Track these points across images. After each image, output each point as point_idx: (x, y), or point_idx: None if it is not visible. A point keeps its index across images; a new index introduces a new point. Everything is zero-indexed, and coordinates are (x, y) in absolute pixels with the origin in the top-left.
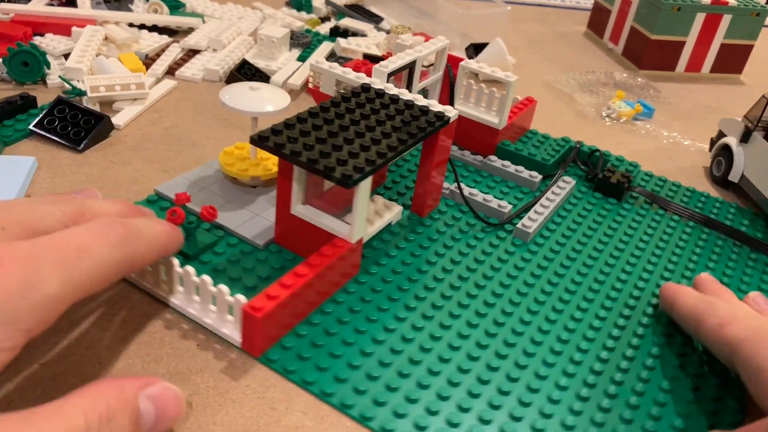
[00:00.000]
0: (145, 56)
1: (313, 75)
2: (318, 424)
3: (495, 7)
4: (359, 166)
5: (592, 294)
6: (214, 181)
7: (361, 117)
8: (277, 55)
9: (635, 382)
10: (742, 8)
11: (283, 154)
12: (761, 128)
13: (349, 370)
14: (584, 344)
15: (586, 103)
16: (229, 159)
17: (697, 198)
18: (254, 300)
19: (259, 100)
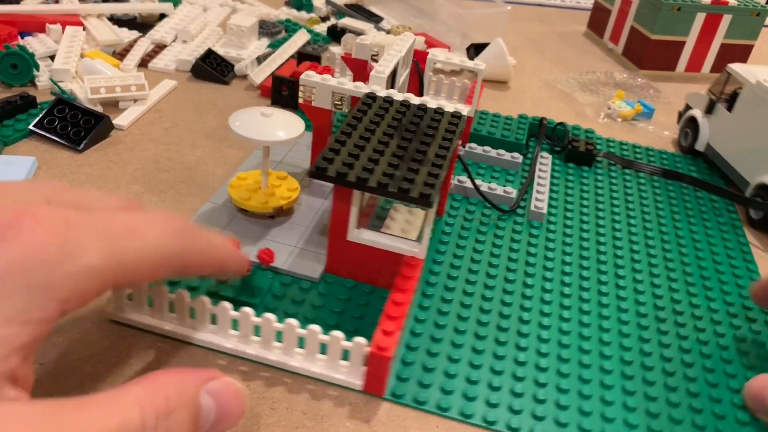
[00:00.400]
0: (113, 52)
1: (303, 89)
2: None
3: (495, 7)
4: (429, 182)
5: (633, 257)
6: (227, 219)
7: (388, 127)
8: (246, 44)
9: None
10: (742, 8)
11: (349, 183)
12: (724, 100)
13: (472, 386)
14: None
15: (586, 103)
16: (243, 193)
17: (655, 154)
18: (377, 339)
19: (271, 127)
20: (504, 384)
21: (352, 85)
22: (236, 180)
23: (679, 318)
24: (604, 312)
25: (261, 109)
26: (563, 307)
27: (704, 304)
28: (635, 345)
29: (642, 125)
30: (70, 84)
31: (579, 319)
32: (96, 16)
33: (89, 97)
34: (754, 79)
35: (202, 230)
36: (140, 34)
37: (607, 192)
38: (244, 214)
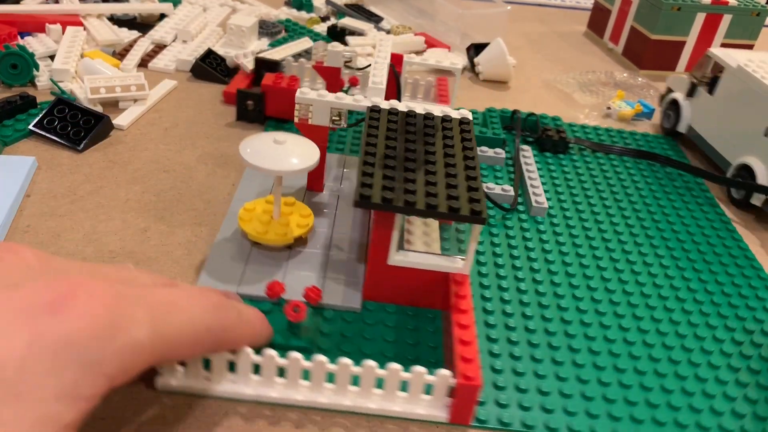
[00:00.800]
0: (113, 52)
1: (299, 108)
2: None
3: (495, 7)
4: (474, 197)
5: (636, 241)
6: (244, 255)
7: (406, 142)
8: (246, 44)
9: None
10: (742, 8)
11: (397, 208)
12: (705, 83)
13: (546, 398)
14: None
15: (585, 104)
16: (257, 226)
17: (627, 136)
18: (463, 369)
19: (285, 155)
20: (574, 390)
21: (350, 99)
22: (244, 212)
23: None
24: (632, 300)
25: (274, 135)
26: (594, 300)
27: (711, 287)
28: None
29: (641, 125)
30: (70, 84)
31: (614, 310)
32: (96, 16)
33: (89, 97)
34: (734, 63)
35: (236, 304)
36: (140, 34)
37: (589, 177)
38: (258, 247)
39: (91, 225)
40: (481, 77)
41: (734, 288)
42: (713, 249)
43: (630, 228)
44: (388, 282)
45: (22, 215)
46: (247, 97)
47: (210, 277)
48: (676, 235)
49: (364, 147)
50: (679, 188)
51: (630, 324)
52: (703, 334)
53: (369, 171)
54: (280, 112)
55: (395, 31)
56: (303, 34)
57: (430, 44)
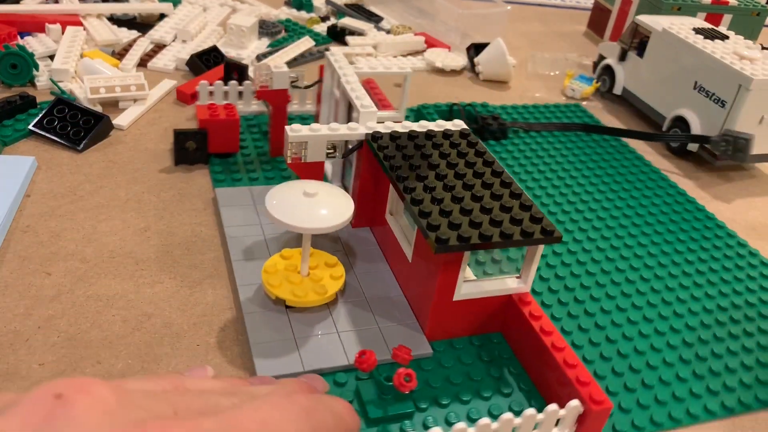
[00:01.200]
0: (112, 52)
1: (292, 147)
2: None
3: (495, 7)
4: (536, 216)
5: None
6: (284, 322)
7: (428, 168)
8: (246, 43)
9: None
10: (743, 8)
11: (475, 245)
12: (634, 48)
13: (651, 391)
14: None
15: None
16: (295, 289)
17: (547, 110)
18: (589, 394)
19: (316, 210)
20: (671, 378)
21: (345, 128)
22: (268, 275)
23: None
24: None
25: (303, 186)
26: (640, 293)
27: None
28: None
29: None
30: (70, 84)
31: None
32: (95, 16)
33: (89, 97)
34: (660, 27)
35: (325, 400)
36: (140, 33)
37: (535, 157)
38: (292, 309)
39: (91, 225)
40: (481, 77)
41: (675, 224)
42: (654, 194)
43: (578, 195)
44: (451, 317)
45: (22, 215)
46: (187, 138)
47: (265, 360)
48: (626, 194)
49: (402, 183)
50: (608, 150)
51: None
52: (652, 268)
53: (426, 210)
54: (224, 146)
55: (395, 31)
56: (303, 34)
57: (430, 44)
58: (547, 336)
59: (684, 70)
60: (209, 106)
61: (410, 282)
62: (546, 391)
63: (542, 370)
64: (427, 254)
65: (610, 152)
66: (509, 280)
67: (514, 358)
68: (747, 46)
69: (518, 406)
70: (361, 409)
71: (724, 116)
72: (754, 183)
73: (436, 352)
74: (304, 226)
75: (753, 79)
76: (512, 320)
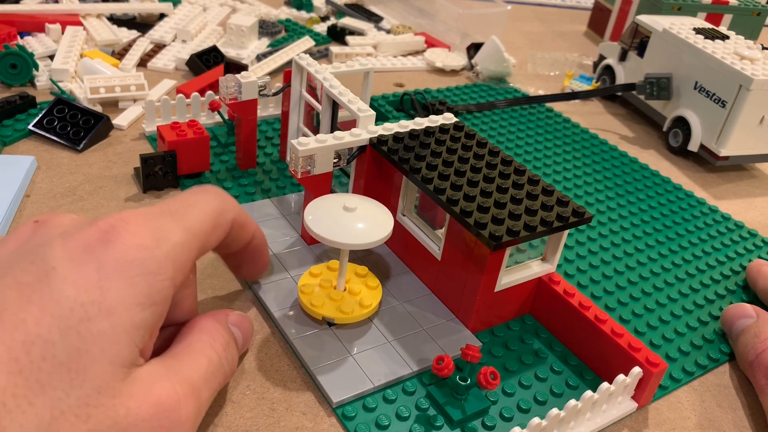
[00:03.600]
0: (112, 52)
1: (301, 161)
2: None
3: (495, 6)
4: (562, 199)
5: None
6: (333, 339)
7: (444, 165)
8: (246, 43)
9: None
10: (743, 8)
11: (525, 237)
12: (634, 48)
13: (673, 342)
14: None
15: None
16: (342, 306)
17: (486, 90)
18: (644, 357)
19: (356, 225)
20: (687, 331)
21: (349, 135)
22: (311, 297)
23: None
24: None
25: (343, 200)
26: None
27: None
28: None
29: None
30: (70, 84)
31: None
32: (95, 16)
33: (89, 97)
34: (660, 27)
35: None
36: (139, 33)
37: (496, 134)
38: (336, 326)
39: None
40: (480, 77)
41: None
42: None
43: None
44: (491, 308)
45: (22, 215)
46: (155, 162)
47: (332, 383)
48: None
49: (421, 183)
50: (550, 122)
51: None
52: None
53: (468, 209)
54: (196, 166)
55: (395, 30)
56: (303, 33)
57: (430, 44)
58: (588, 310)
59: (684, 70)
60: (172, 125)
61: (441, 280)
62: (594, 363)
63: (588, 344)
64: (464, 251)
65: (587, 146)
66: (535, 264)
67: (552, 337)
68: (747, 46)
69: (574, 381)
70: (440, 412)
71: (725, 116)
72: (754, 183)
73: (483, 343)
74: (344, 241)
75: (753, 79)
76: (545, 300)
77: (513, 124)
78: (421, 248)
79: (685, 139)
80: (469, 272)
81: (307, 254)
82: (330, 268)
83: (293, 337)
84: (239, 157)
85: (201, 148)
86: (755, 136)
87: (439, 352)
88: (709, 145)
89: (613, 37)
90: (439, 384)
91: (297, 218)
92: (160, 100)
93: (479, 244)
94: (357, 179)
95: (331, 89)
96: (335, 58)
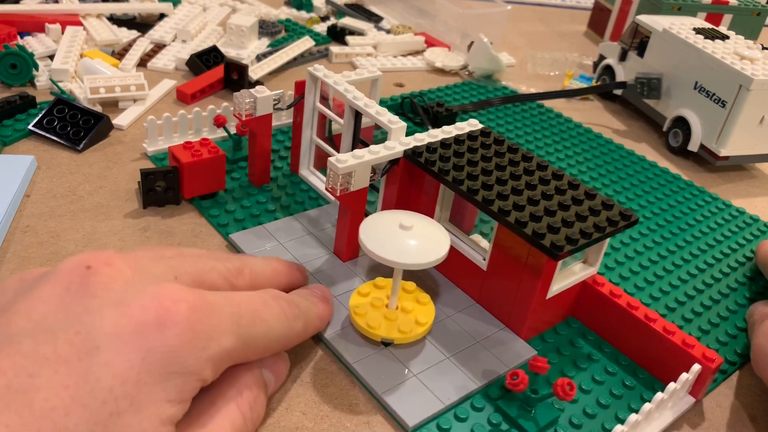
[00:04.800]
0: (112, 52)
1: (339, 181)
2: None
3: (495, 6)
4: (607, 202)
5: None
6: (394, 360)
7: (484, 173)
8: (246, 43)
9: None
10: (743, 8)
11: (586, 244)
12: (634, 48)
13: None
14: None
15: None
16: (400, 325)
17: (476, 89)
18: (700, 353)
19: (411, 244)
20: (721, 321)
21: (383, 148)
22: (367, 318)
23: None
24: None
25: (400, 218)
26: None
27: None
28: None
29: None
30: (70, 84)
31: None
32: (95, 16)
33: (88, 97)
34: (660, 27)
35: (304, 306)
36: (139, 33)
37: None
38: (393, 346)
39: (91, 225)
40: (475, 76)
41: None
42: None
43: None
44: (542, 315)
45: (22, 215)
46: (156, 178)
47: (404, 406)
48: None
49: (468, 194)
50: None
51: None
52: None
53: (523, 219)
54: (211, 186)
55: (395, 30)
56: (303, 33)
57: (430, 44)
58: (637, 310)
59: (684, 70)
60: (185, 145)
61: (488, 290)
62: (647, 362)
63: (638, 343)
64: (514, 260)
65: (593, 146)
66: (578, 267)
67: (599, 338)
68: (747, 46)
69: (630, 382)
70: (513, 426)
71: (725, 116)
72: (754, 183)
73: (537, 350)
74: (400, 261)
75: (753, 79)
76: (590, 302)
77: (509, 122)
78: (462, 259)
79: (685, 139)
80: (521, 281)
81: (346, 271)
82: (377, 285)
83: (353, 361)
84: (253, 172)
85: (217, 167)
86: (755, 136)
87: (497, 363)
88: (709, 145)
89: (613, 37)
90: (506, 397)
91: (323, 234)
92: (162, 118)
93: (534, 252)
94: (388, 192)
95: (355, 101)
96: (335, 58)
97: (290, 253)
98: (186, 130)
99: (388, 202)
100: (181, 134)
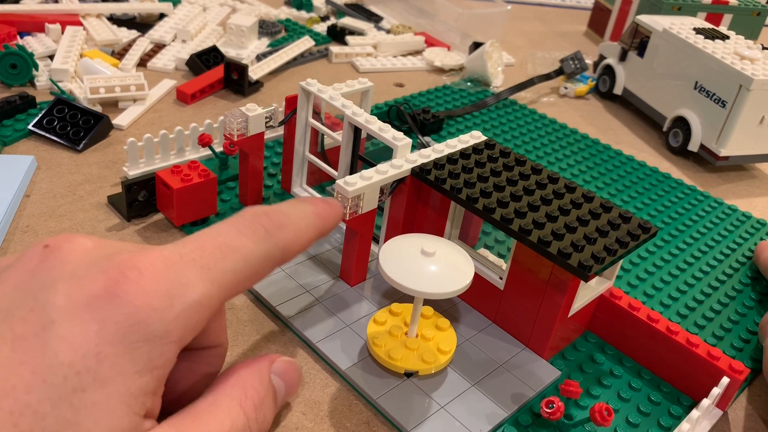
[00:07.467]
0: (111, 52)
1: (349, 204)
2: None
3: (495, 6)
4: (624, 215)
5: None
6: (417, 392)
7: (497, 189)
8: (246, 43)
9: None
10: (743, 8)
11: (613, 261)
12: (634, 48)
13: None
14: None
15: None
16: (424, 355)
17: (458, 93)
18: (727, 365)
19: (433, 271)
20: (733, 327)
21: (390, 167)
22: (389, 350)
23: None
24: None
25: (422, 242)
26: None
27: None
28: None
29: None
30: (69, 84)
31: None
32: (95, 16)
33: (88, 97)
34: (660, 27)
35: (291, 211)
36: (139, 33)
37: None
38: (415, 376)
39: (91, 225)
40: (464, 75)
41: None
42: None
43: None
44: (563, 333)
45: (22, 215)
46: (139, 189)
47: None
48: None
49: (483, 212)
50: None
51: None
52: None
53: (546, 239)
54: (202, 211)
55: (395, 30)
56: (303, 33)
57: (430, 44)
58: (658, 323)
59: (684, 70)
60: (173, 169)
61: (505, 310)
62: (670, 375)
63: (660, 356)
64: (534, 279)
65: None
66: (596, 281)
67: (618, 352)
68: (747, 46)
69: (656, 397)
70: None
71: (725, 116)
72: (754, 183)
73: (560, 370)
74: (421, 290)
75: (753, 79)
76: (608, 315)
77: (506, 130)
78: (477, 278)
79: (685, 139)
80: (542, 300)
81: (355, 296)
82: (393, 312)
83: (376, 396)
84: (244, 193)
85: (209, 191)
86: (755, 136)
87: (523, 387)
88: (709, 145)
89: (613, 37)
90: (538, 423)
91: (324, 257)
92: (143, 139)
93: (559, 271)
94: (394, 211)
95: (355, 117)
96: (335, 58)
97: (295, 281)
98: (168, 150)
99: (394, 221)
100: (162, 155)
